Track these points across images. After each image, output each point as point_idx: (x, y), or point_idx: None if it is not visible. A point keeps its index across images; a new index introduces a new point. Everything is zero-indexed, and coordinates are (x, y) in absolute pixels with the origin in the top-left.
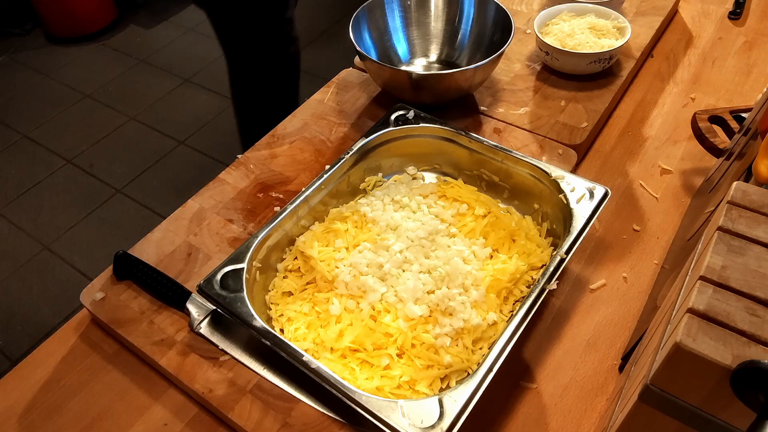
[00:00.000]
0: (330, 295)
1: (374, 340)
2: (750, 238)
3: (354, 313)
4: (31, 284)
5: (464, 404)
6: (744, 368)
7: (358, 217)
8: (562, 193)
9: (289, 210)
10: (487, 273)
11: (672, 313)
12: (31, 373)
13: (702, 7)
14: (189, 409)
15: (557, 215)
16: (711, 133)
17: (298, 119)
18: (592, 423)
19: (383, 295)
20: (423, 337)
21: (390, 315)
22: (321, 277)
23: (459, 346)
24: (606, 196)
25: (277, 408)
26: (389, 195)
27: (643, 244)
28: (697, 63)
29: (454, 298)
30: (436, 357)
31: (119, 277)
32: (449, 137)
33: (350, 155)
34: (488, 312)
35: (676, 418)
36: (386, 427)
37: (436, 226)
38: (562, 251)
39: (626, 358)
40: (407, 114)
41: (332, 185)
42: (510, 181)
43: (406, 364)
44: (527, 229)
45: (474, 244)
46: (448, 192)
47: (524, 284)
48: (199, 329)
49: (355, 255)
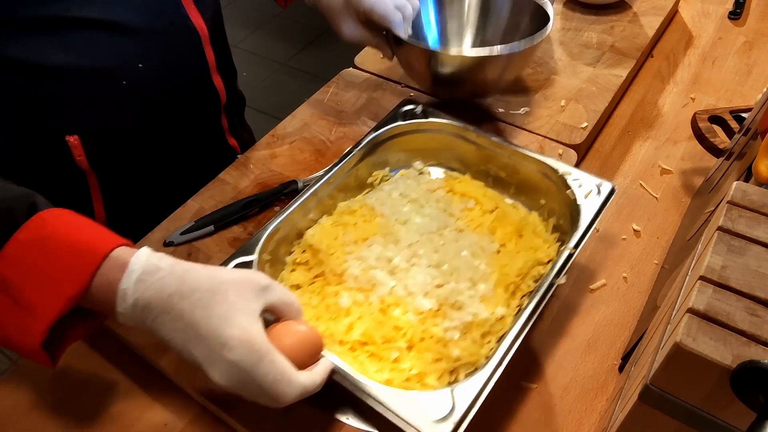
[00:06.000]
0: (339, 288)
1: (384, 333)
2: (750, 238)
3: (363, 306)
4: None
5: (475, 396)
6: (744, 368)
7: (366, 210)
8: (569, 189)
9: (299, 203)
10: (495, 268)
11: (672, 313)
12: (31, 373)
13: (702, 7)
14: (189, 409)
15: (563, 211)
16: (711, 133)
17: (298, 119)
18: (592, 423)
19: (392, 289)
20: (432, 330)
21: (400, 308)
22: (330, 270)
23: (468, 339)
24: (612, 192)
25: (277, 408)
26: (397, 189)
27: (643, 244)
28: (697, 63)
29: (462, 292)
30: (446, 350)
31: None
32: (458, 132)
33: (359, 149)
34: (496, 306)
35: (676, 418)
36: (399, 419)
37: (445, 221)
38: (571, 245)
39: (626, 358)
40: (415, 109)
41: (340, 179)
42: (517, 177)
43: (416, 357)
44: (534, 224)
45: (481, 239)
46: (456, 187)
47: (531, 279)
48: None
49: (364, 248)
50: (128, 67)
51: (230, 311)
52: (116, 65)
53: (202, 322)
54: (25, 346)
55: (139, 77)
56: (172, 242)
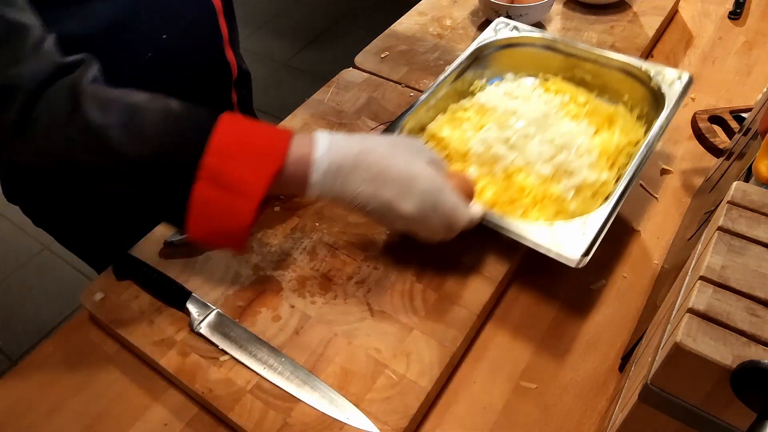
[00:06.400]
0: (465, 165)
1: (510, 195)
2: (750, 238)
3: (489, 176)
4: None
5: (602, 224)
6: (744, 368)
7: (477, 106)
8: (653, 81)
9: (422, 99)
10: (596, 144)
11: (672, 313)
12: (31, 373)
13: (702, 7)
14: (189, 409)
15: (646, 102)
16: (711, 133)
17: (298, 119)
18: (592, 423)
19: (513, 160)
20: (551, 190)
21: (522, 174)
22: (455, 151)
23: (580, 198)
24: (691, 81)
25: (277, 408)
26: (501, 90)
27: (643, 244)
28: (697, 63)
29: (572, 161)
30: (564, 205)
31: (119, 277)
32: (547, 44)
33: (465, 57)
34: (601, 172)
35: (676, 418)
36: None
37: (547, 111)
38: (662, 119)
39: (626, 358)
40: (507, 27)
41: (448, 86)
42: (601, 79)
43: (539, 212)
44: (622, 114)
45: (580, 124)
46: (550, 87)
47: (625, 155)
48: (199, 329)
49: (481, 133)
50: (153, 38)
51: (411, 156)
52: (139, 35)
53: (392, 166)
54: (236, 229)
55: (162, 50)
56: (172, 242)
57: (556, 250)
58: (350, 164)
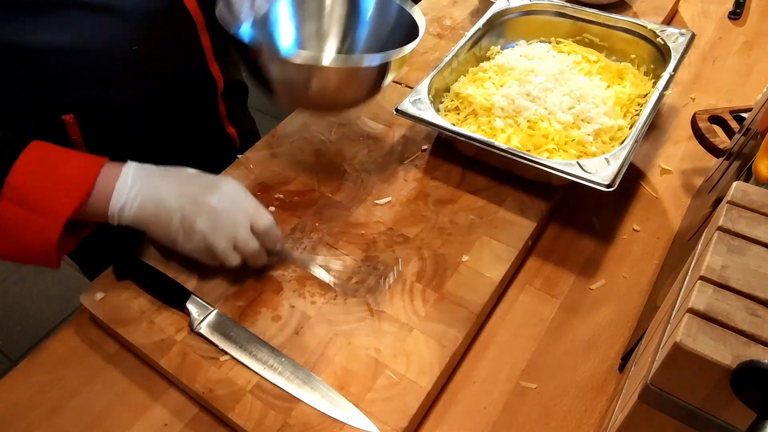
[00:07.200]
0: (491, 118)
1: (535, 142)
2: (750, 238)
3: (514, 126)
4: (31, 284)
5: (625, 157)
6: (744, 368)
7: (497, 67)
8: (658, 37)
9: (446, 61)
10: (610, 95)
11: (672, 313)
12: (31, 373)
13: (702, 7)
14: (189, 409)
15: (652, 59)
16: (711, 133)
17: (298, 119)
18: (592, 423)
19: (536, 111)
20: (573, 134)
21: (545, 122)
22: (479, 106)
23: (599, 141)
24: (693, 37)
25: (277, 408)
26: (517, 52)
27: (643, 244)
28: (697, 63)
29: (590, 109)
30: (585, 148)
31: (119, 277)
32: (558, 10)
33: (482, 24)
34: (617, 119)
35: (676, 418)
36: (572, 176)
37: (562, 68)
38: (670, 69)
39: (626, 358)
40: None
41: (469, 49)
42: (609, 40)
43: (563, 155)
44: (630, 70)
45: (592, 80)
46: (563, 49)
47: (636, 105)
48: (199, 329)
49: (504, 89)
50: (121, 48)
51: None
52: (108, 45)
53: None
54: (41, 245)
55: (133, 59)
56: None
57: (587, 178)
58: (159, 172)
